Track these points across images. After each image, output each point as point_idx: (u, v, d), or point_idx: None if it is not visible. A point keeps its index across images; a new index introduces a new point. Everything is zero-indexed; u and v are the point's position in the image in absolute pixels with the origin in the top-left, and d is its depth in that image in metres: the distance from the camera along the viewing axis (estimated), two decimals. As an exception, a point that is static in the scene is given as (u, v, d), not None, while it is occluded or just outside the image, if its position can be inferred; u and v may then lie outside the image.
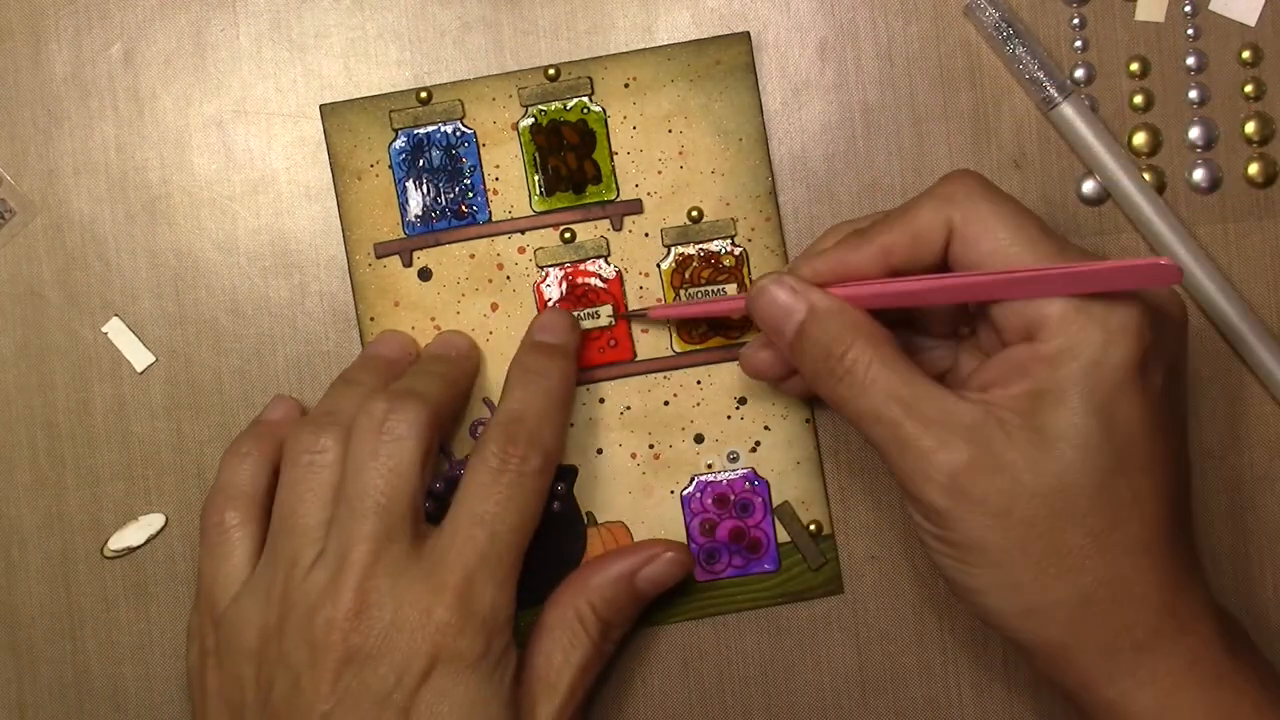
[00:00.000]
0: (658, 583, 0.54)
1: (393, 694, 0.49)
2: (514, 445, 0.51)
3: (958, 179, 0.49)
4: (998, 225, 0.48)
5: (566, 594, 0.54)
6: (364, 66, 0.57)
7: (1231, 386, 0.56)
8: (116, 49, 0.57)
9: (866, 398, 0.48)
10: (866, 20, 0.57)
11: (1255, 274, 0.56)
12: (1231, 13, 0.56)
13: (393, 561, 0.50)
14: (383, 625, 0.49)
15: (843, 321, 0.49)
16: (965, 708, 0.56)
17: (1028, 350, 0.47)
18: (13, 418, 0.57)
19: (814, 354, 0.49)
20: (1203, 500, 0.56)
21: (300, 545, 0.51)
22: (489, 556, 0.51)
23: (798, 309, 0.50)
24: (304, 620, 0.50)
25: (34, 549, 0.57)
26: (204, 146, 0.57)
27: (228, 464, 0.53)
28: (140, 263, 0.57)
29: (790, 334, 0.50)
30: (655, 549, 0.54)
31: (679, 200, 0.56)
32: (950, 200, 0.49)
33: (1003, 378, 0.47)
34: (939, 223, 0.49)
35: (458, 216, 0.56)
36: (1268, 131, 0.56)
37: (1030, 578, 0.47)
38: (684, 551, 0.55)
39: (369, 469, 0.50)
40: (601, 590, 0.54)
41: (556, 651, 0.53)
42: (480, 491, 0.51)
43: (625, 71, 0.56)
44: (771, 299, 0.50)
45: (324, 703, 0.49)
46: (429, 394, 0.52)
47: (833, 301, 0.49)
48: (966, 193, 0.49)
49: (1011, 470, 0.46)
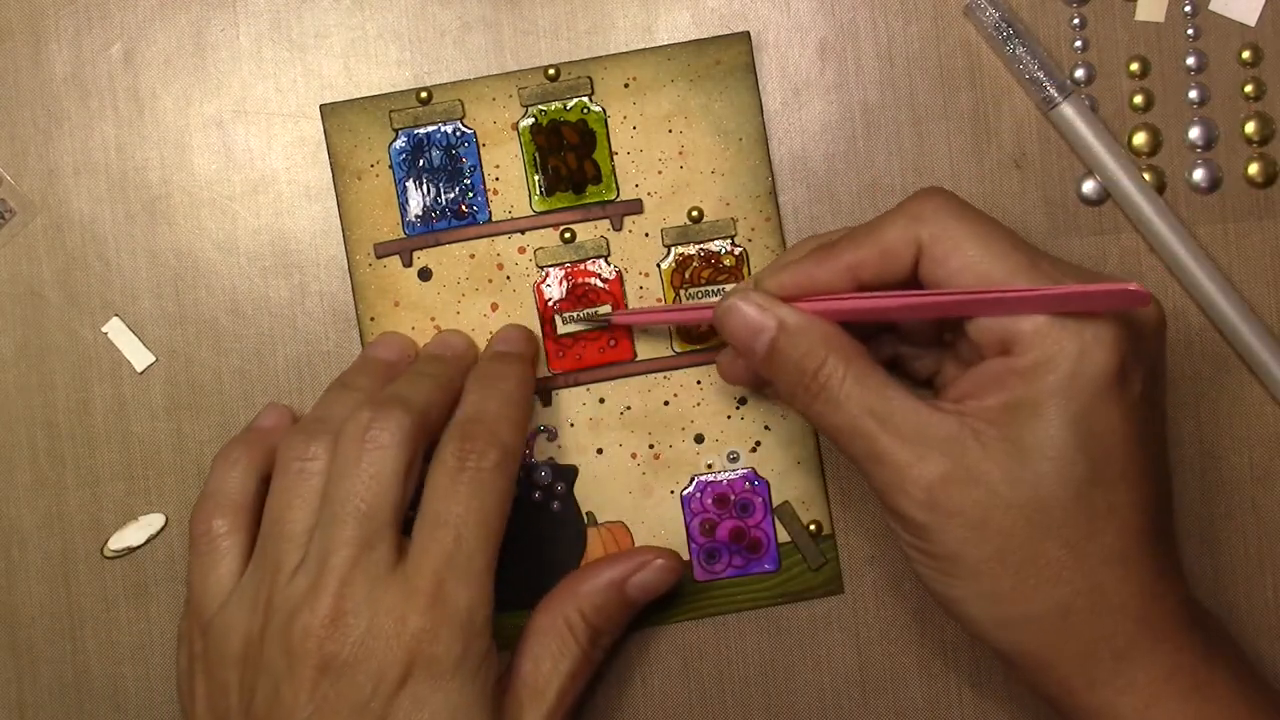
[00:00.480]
0: (648, 589, 0.54)
1: (370, 703, 0.49)
2: (470, 443, 0.51)
3: (926, 197, 0.49)
4: (967, 242, 0.48)
5: (556, 600, 0.54)
6: (364, 66, 0.57)
7: (1231, 386, 0.56)
8: (116, 49, 0.57)
9: (841, 413, 0.48)
10: (866, 20, 0.57)
11: (1255, 274, 0.56)
12: (1231, 13, 0.56)
13: (371, 568, 0.50)
14: (358, 633, 0.49)
15: (814, 337, 0.49)
16: (965, 708, 0.56)
17: (1004, 364, 0.47)
18: (13, 418, 0.57)
19: (786, 371, 0.49)
20: (1203, 500, 0.56)
21: (285, 551, 0.51)
22: (457, 557, 0.50)
23: (767, 326, 0.49)
24: (284, 627, 0.50)
25: (34, 549, 0.57)
26: (204, 146, 0.57)
27: (217, 470, 0.53)
28: (140, 263, 0.57)
29: (761, 351, 0.50)
30: (646, 555, 0.54)
31: (679, 200, 0.56)
32: (919, 218, 0.48)
33: (979, 390, 0.47)
34: (907, 240, 0.48)
35: (458, 216, 0.56)
36: (1268, 131, 0.56)
37: (1009, 588, 0.47)
38: (674, 558, 0.55)
39: (350, 476, 0.50)
40: (592, 597, 0.53)
41: (545, 658, 0.53)
42: (440, 493, 0.51)
43: (625, 71, 0.56)
44: (741, 317, 0.50)
45: (302, 710, 0.49)
46: (416, 400, 0.51)
47: (802, 317, 0.49)
48: (934, 210, 0.48)
49: (988, 482, 0.47)
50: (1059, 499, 0.47)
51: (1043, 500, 0.47)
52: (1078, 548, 0.47)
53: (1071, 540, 0.47)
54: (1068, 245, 0.56)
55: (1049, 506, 0.47)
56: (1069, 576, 0.47)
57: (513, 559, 0.56)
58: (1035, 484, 0.46)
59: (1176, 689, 0.47)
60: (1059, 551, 0.47)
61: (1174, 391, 0.56)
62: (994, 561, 0.47)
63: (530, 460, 0.56)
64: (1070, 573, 0.47)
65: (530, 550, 0.56)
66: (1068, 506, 0.47)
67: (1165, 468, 0.50)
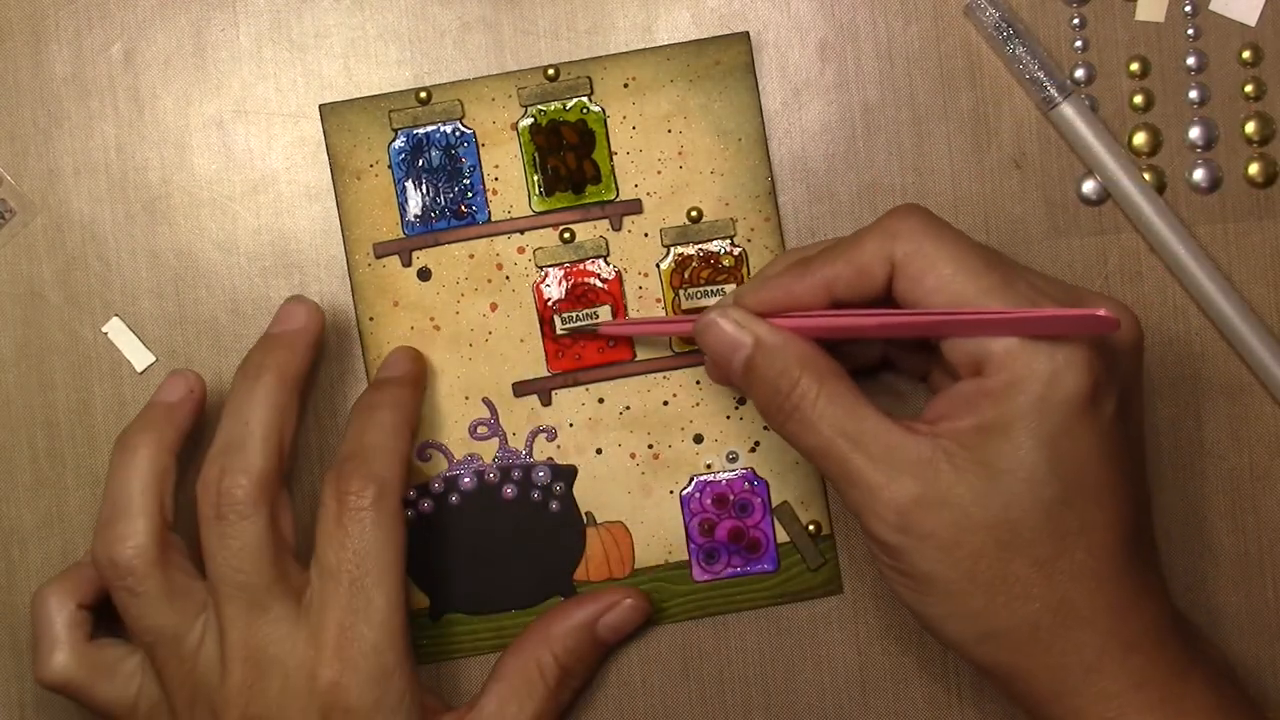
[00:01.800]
0: (618, 629, 0.55)
1: None
2: (345, 483, 0.51)
3: (902, 214, 0.49)
4: (941, 261, 0.48)
5: (528, 643, 0.54)
6: (364, 66, 0.57)
7: (1231, 386, 0.56)
8: (116, 49, 0.57)
9: (814, 433, 0.48)
10: (866, 20, 0.57)
11: (1255, 274, 0.56)
12: (1231, 13, 0.56)
13: (270, 628, 0.51)
14: (274, 692, 0.50)
15: (788, 355, 0.49)
16: (965, 708, 0.56)
17: (975, 385, 0.47)
18: (13, 418, 0.57)
19: (761, 388, 0.49)
20: (1203, 500, 0.56)
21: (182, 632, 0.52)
22: (355, 602, 0.51)
23: (744, 343, 0.50)
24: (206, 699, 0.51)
25: (34, 549, 0.57)
26: (204, 146, 0.57)
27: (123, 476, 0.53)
28: (140, 263, 0.57)
29: (738, 367, 0.50)
30: (614, 597, 0.55)
31: (678, 200, 0.56)
32: (894, 236, 0.48)
33: (952, 411, 0.48)
34: (881, 257, 0.48)
35: (457, 216, 0.56)
36: (1268, 131, 0.56)
37: (981, 606, 0.47)
38: (642, 598, 0.55)
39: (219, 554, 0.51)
40: (564, 639, 0.54)
41: (511, 700, 0.53)
42: (327, 540, 0.51)
43: (625, 71, 0.56)
44: (719, 333, 0.50)
45: None
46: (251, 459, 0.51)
47: (778, 335, 0.49)
48: (910, 228, 0.48)
49: (959, 505, 0.47)
50: (1029, 520, 0.47)
51: (1013, 521, 0.47)
52: (1046, 565, 0.47)
53: (1040, 559, 0.47)
54: (1068, 245, 0.56)
55: (1019, 527, 0.47)
56: (1038, 593, 0.47)
57: (512, 559, 0.56)
58: (1005, 505, 0.47)
59: (1146, 700, 0.47)
60: (1027, 570, 0.47)
61: (1174, 392, 0.56)
62: (965, 581, 0.47)
63: (529, 460, 0.56)
64: (1039, 589, 0.47)
65: (530, 550, 0.56)
66: (1037, 527, 0.47)
67: (1142, 483, 0.50)
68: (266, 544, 0.51)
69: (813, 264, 0.50)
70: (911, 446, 0.47)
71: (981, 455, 0.47)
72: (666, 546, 0.56)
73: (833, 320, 0.49)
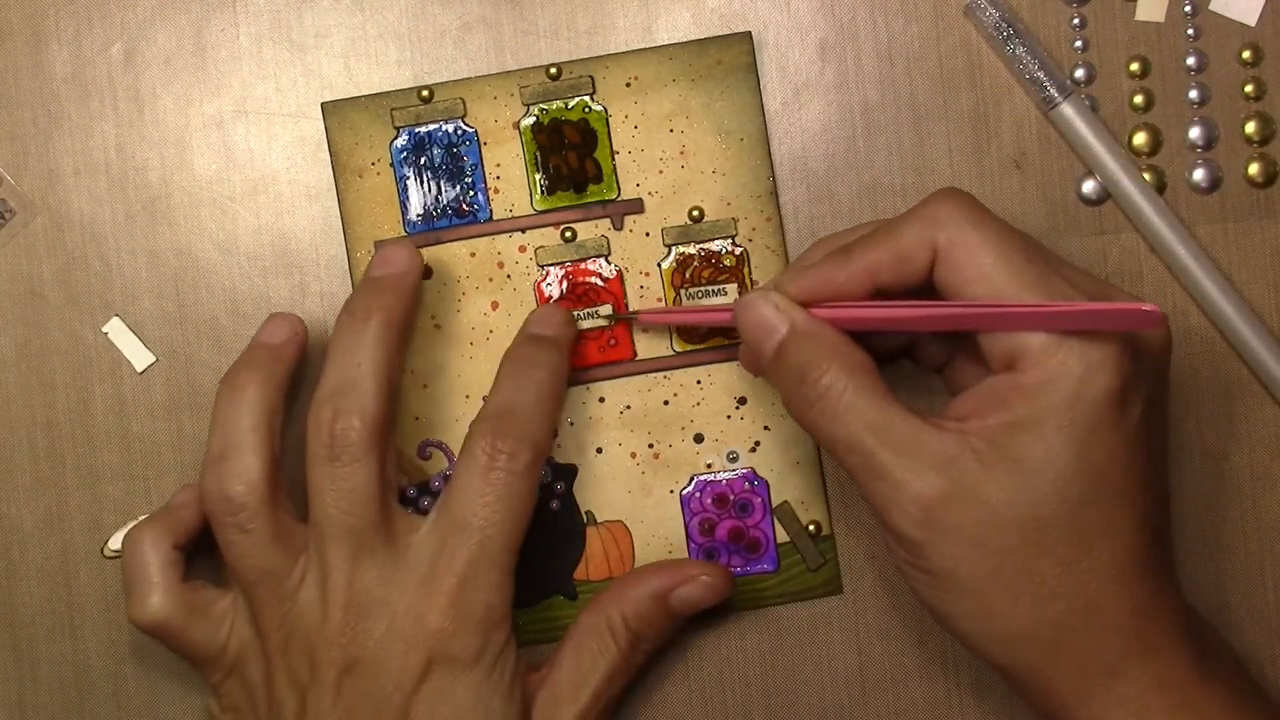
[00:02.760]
0: (691, 604, 0.54)
1: (391, 697, 0.50)
2: (502, 441, 0.51)
3: (944, 200, 0.49)
4: (982, 251, 0.48)
5: (603, 601, 0.54)
6: (364, 66, 0.57)
7: (1231, 386, 0.56)
8: (116, 49, 0.57)
9: (840, 425, 0.48)
10: (866, 20, 0.57)
11: (1255, 274, 0.56)
12: (1231, 13, 0.56)
13: (376, 570, 0.51)
14: (378, 635, 0.50)
15: (820, 345, 0.49)
16: (965, 708, 0.56)
17: (1007, 380, 0.47)
18: (13, 418, 0.57)
19: (789, 376, 0.49)
20: (1203, 500, 0.56)
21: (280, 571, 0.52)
22: (480, 561, 0.51)
23: (780, 327, 0.49)
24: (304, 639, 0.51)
25: (34, 549, 0.57)
26: (204, 146, 0.57)
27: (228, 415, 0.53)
28: (140, 263, 0.57)
29: (770, 352, 0.50)
30: (692, 570, 0.54)
31: (680, 200, 0.56)
32: (935, 222, 0.48)
33: (981, 408, 0.47)
34: (923, 243, 0.48)
35: (459, 215, 0.56)
36: (1268, 131, 0.56)
37: (1004, 605, 0.47)
38: (721, 577, 0.54)
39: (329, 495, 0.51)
40: (636, 603, 0.53)
41: (585, 655, 0.53)
42: (468, 493, 0.51)
43: (627, 71, 0.56)
44: (757, 314, 0.50)
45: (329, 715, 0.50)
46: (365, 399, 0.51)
47: (813, 323, 0.49)
48: (951, 214, 0.48)
49: (988, 503, 0.47)
50: (1056, 518, 0.47)
51: (1041, 519, 0.47)
52: (1072, 566, 0.47)
53: (1066, 558, 0.47)
54: (1068, 245, 0.56)
55: (1046, 526, 0.47)
56: (1063, 593, 0.47)
57: (513, 558, 0.56)
58: (1034, 503, 0.47)
59: (1167, 703, 0.47)
60: (1054, 569, 0.47)
61: (1174, 392, 0.56)
62: (990, 579, 0.47)
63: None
64: (1064, 590, 0.47)
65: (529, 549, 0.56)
66: (1064, 526, 0.47)
67: (1165, 484, 0.50)
68: (376, 487, 0.51)
69: (853, 251, 0.49)
70: (938, 443, 0.47)
71: (1011, 452, 0.47)
72: (667, 546, 0.56)
73: (870, 312, 0.49)
